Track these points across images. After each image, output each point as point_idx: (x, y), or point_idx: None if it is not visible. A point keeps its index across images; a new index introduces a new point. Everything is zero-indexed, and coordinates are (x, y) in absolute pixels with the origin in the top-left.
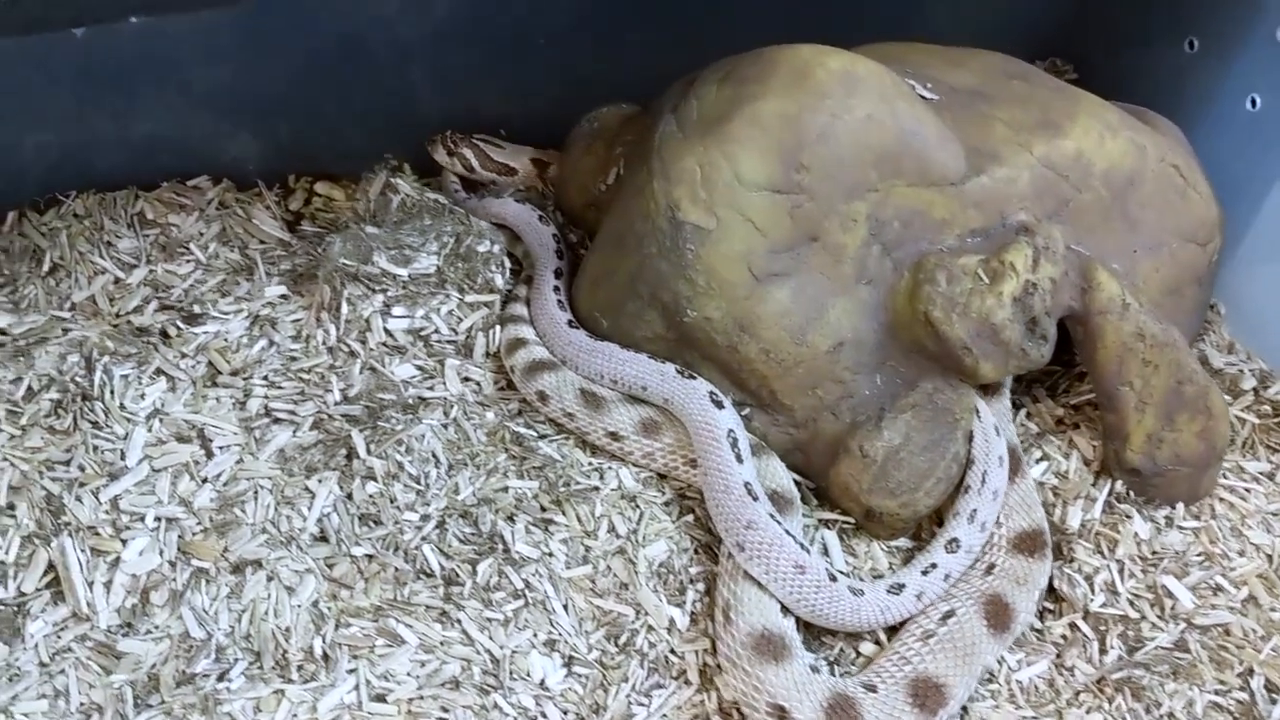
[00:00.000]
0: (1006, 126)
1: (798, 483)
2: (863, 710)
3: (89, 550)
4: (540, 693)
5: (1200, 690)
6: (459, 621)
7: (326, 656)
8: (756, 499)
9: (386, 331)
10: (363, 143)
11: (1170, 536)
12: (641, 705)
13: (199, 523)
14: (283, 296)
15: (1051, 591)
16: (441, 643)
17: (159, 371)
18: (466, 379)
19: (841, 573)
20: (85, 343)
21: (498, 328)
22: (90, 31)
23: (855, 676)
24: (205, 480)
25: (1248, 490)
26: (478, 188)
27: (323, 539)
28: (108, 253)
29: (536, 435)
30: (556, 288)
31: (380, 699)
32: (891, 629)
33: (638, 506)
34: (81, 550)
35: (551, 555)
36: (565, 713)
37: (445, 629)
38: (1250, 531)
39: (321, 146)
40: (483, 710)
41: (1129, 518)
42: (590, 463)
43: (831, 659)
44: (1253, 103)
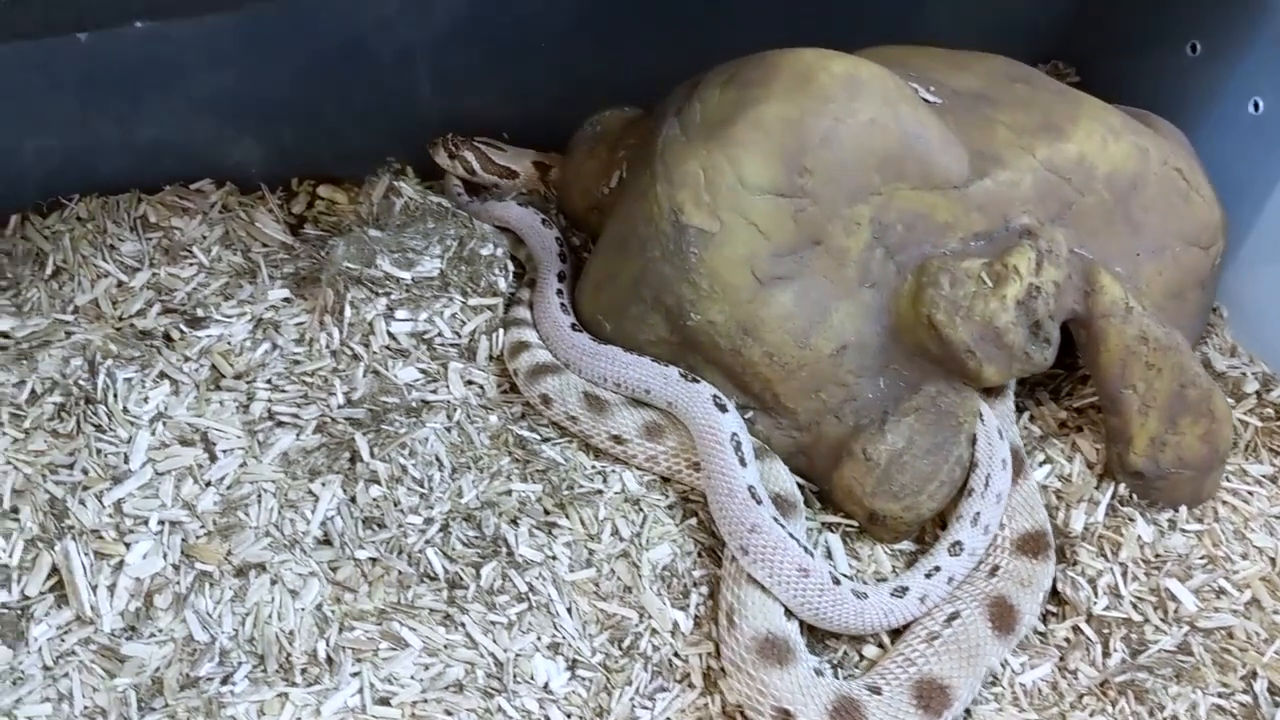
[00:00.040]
0: (1009, 130)
1: (801, 486)
2: (867, 712)
3: (92, 554)
4: (544, 696)
5: (1203, 693)
6: (463, 625)
7: (330, 660)
8: (760, 502)
9: (390, 335)
10: (365, 146)
11: (1173, 539)
12: (645, 708)
13: (202, 526)
14: (286, 300)
15: (1055, 594)
16: (445, 646)
17: (162, 375)
18: (470, 382)
19: (845, 576)
20: (88, 346)
21: (501, 331)
22: (94, 36)
23: (859, 679)
24: (209, 483)
25: (1250, 493)
26: (480, 191)
27: (326, 542)
28: (110, 256)
29: (540, 438)
30: (560, 291)
31: (384, 702)
32: (895, 632)
33: (641, 510)
34: (85, 554)
35: (555, 558)
36: (569, 716)
37: (449, 632)
38: (1253, 534)
39: (324, 149)
40: (486, 714)
41: (1132, 521)
42: (593, 466)
43: (835, 662)
44: (1255, 106)
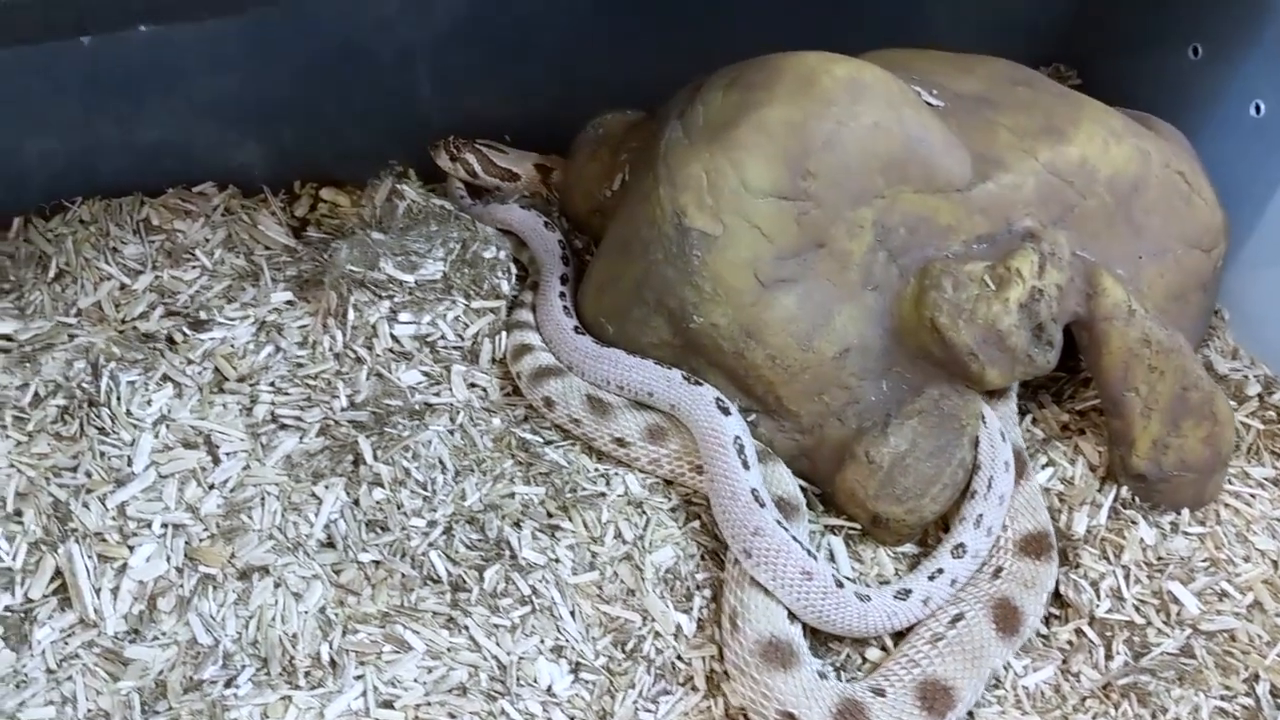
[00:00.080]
0: (1011, 133)
1: (803, 488)
2: (871, 714)
3: (96, 556)
4: (547, 699)
5: (1206, 696)
6: (466, 628)
7: (334, 663)
8: (763, 505)
9: (393, 337)
10: (367, 148)
11: (1176, 542)
12: (648, 711)
13: (206, 529)
14: (289, 303)
15: (1057, 597)
16: (449, 649)
17: (165, 378)
18: (473, 385)
19: (847, 579)
20: (91, 349)
21: (504, 334)
22: (97, 39)
23: (863, 681)
24: (212, 486)
25: (1253, 496)
26: (482, 193)
27: (330, 545)
28: (113, 259)
29: (543, 441)
30: (562, 293)
31: (387, 705)
32: (897, 634)
33: (644, 512)
34: (88, 556)
35: (558, 561)
36: (572, 719)
37: (452, 635)
38: (1255, 537)
39: (326, 152)
40: (490, 716)
41: (1134, 523)
42: (596, 469)
43: (838, 665)
44: (1257, 109)
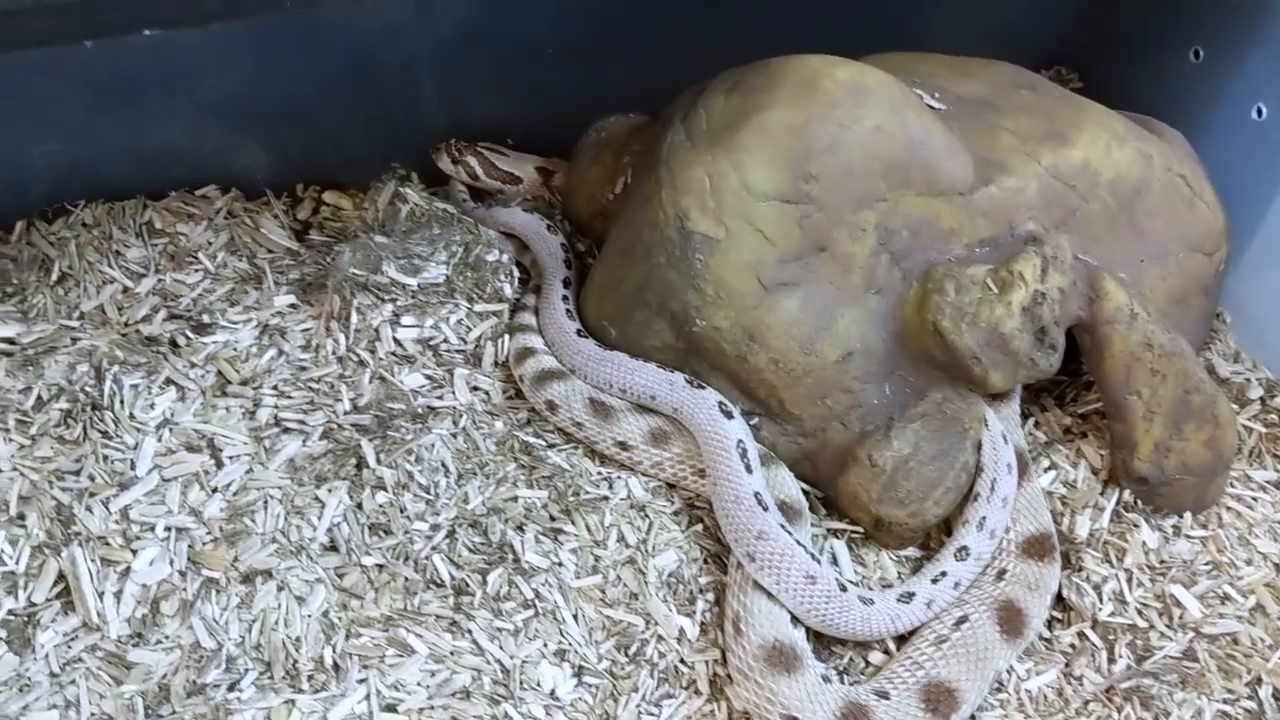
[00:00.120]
0: (1014, 136)
1: (806, 492)
2: (875, 717)
3: (99, 560)
4: (550, 703)
5: (1208, 699)
6: (469, 631)
7: (337, 666)
8: (767, 509)
9: (396, 341)
10: (370, 152)
11: (1178, 545)
12: (651, 715)
13: (209, 532)
14: (291, 306)
15: (1060, 600)
16: (452, 652)
17: (168, 381)
18: (475, 388)
19: (851, 582)
20: (94, 352)
21: (506, 337)
22: (100, 43)
23: (867, 683)
24: (215, 490)
25: (1255, 499)
26: (485, 197)
27: (333, 549)
28: (116, 262)
29: (545, 444)
30: (565, 297)
31: (391, 709)
32: (900, 637)
33: (647, 516)
34: (92, 560)
35: (561, 565)
36: None
37: (455, 639)
38: (1257, 540)
39: (329, 155)
40: None
41: (1137, 527)
42: (599, 472)
43: (840, 668)
44: (1259, 112)
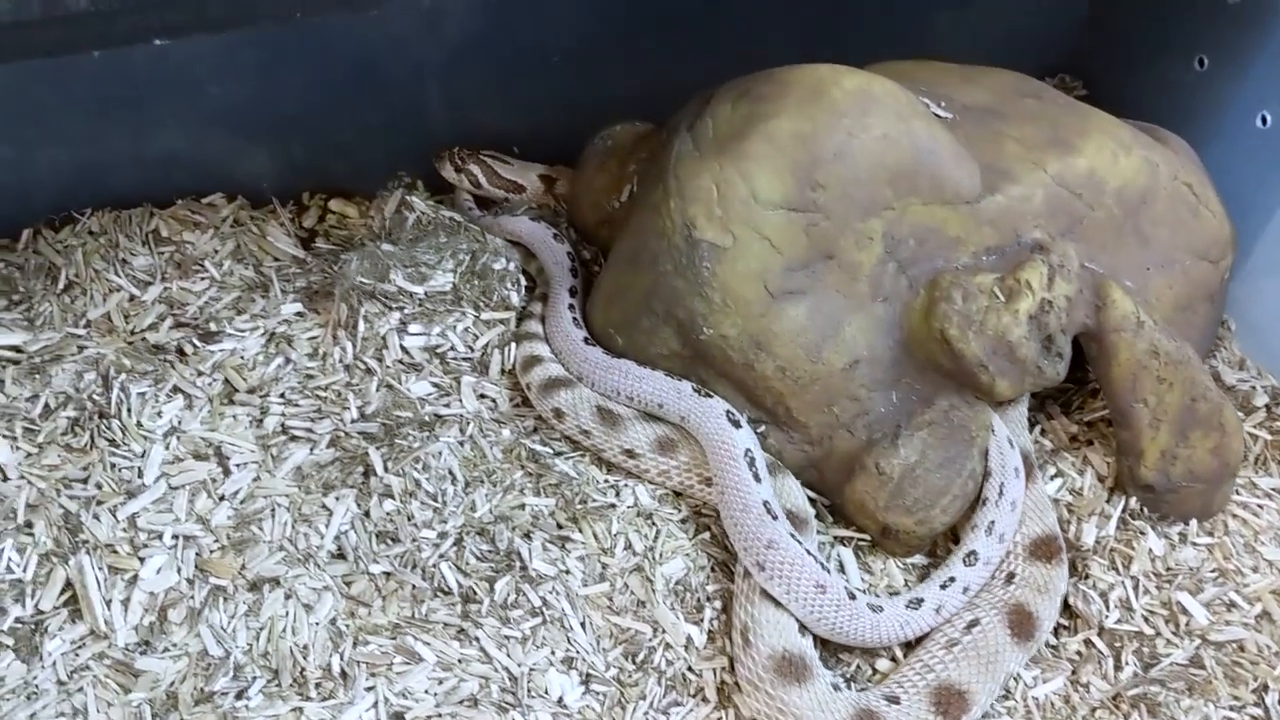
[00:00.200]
0: (1019, 145)
1: (812, 499)
2: None
3: (107, 568)
4: (558, 710)
5: (1215, 706)
6: (477, 639)
7: (344, 674)
8: (776, 518)
9: (403, 349)
10: (376, 160)
11: (1184, 553)
12: None
13: (216, 540)
14: (298, 314)
15: (1066, 608)
16: (459, 660)
17: (176, 389)
18: (482, 396)
19: (859, 590)
20: (102, 360)
21: (513, 345)
22: (108, 52)
23: (877, 688)
24: (222, 498)
25: (1260, 506)
26: (490, 205)
27: (340, 557)
28: (123, 270)
29: (552, 452)
30: (571, 305)
31: (398, 717)
32: (909, 643)
33: (654, 524)
34: (99, 568)
35: (568, 573)
36: None
37: (463, 646)
38: (1263, 547)
39: (335, 164)
40: None
41: (1143, 534)
42: (606, 480)
43: (848, 676)
44: (1263, 120)
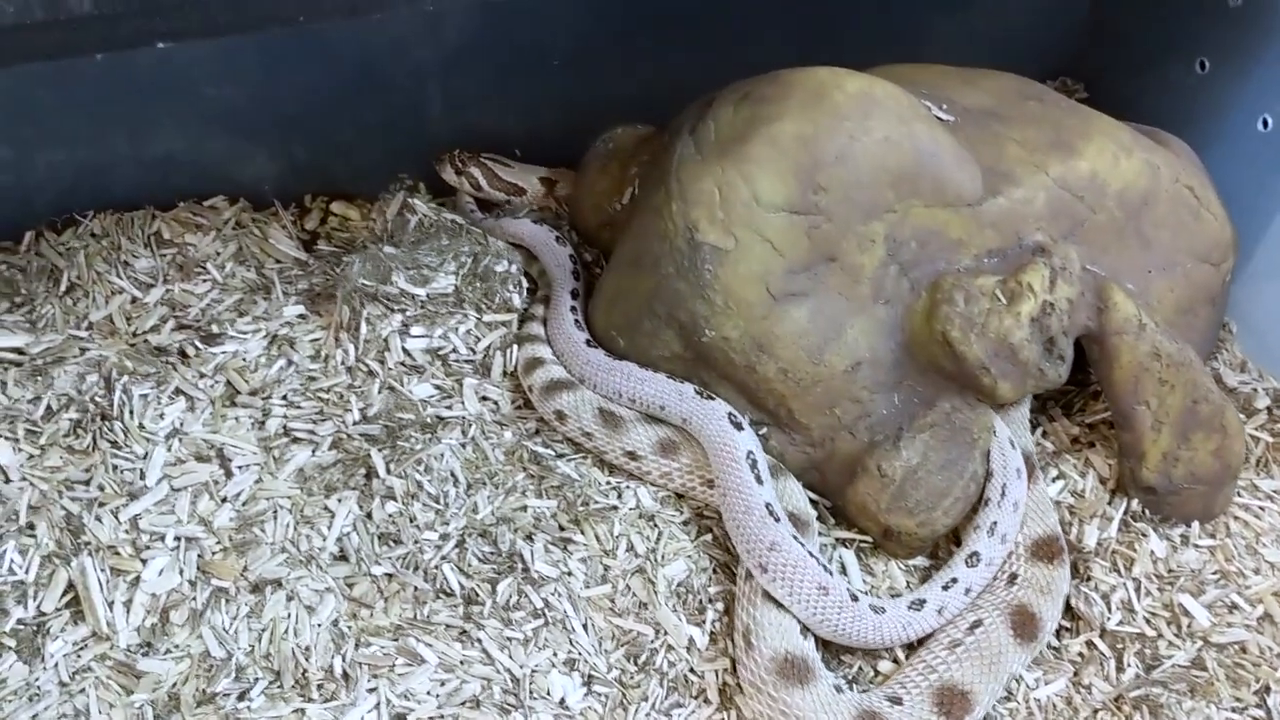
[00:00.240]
0: (1021, 147)
1: (814, 501)
2: None
3: (109, 570)
4: (560, 712)
5: (1217, 708)
6: (479, 640)
7: (346, 675)
8: (778, 520)
9: (405, 351)
10: (378, 163)
11: (1186, 554)
12: None
13: (218, 542)
14: (300, 316)
15: (1068, 610)
16: (461, 662)
17: (178, 391)
18: (484, 398)
19: (861, 592)
20: (104, 362)
21: (515, 347)
22: (110, 54)
23: (880, 689)
24: (225, 500)
25: (1262, 508)
26: (492, 208)
27: (342, 558)
28: (125, 272)
29: (554, 454)
30: (573, 307)
31: (401, 718)
32: (911, 645)
33: (656, 526)
34: (101, 570)
35: (570, 574)
36: None
37: (465, 648)
38: (1265, 549)
39: (337, 166)
40: None
41: (1145, 536)
42: (608, 482)
43: (850, 677)
44: (1264, 123)
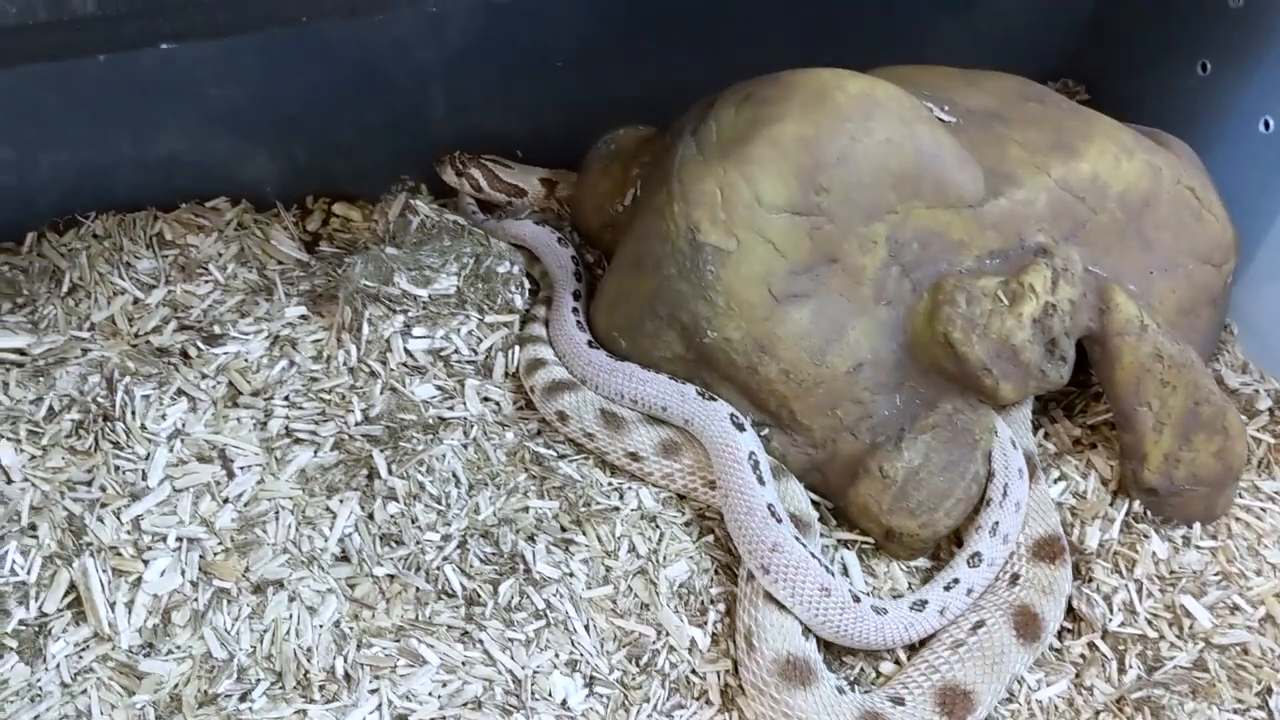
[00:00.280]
0: (1022, 148)
1: (816, 502)
2: None
3: (110, 570)
4: (562, 713)
5: (1219, 709)
6: (481, 641)
7: (348, 676)
8: (780, 521)
9: (407, 352)
10: (380, 164)
11: (1188, 556)
12: None
13: (220, 543)
14: (302, 317)
15: (1070, 611)
16: (463, 663)
17: (180, 392)
18: (486, 399)
19: (863, 593)
20: (105, 363)
21: (517, 348)
22: (112, 55)
23: (882, 689)
24: (226, 500)
25: (1264, 510)
26: (494, 209)
27: (344, 559)
28: (127, 273)
29: (556, 455)
30: (575, 309)
31: (402, 719)
32: (913, 645)
33: (658, 527)
34: (103, 570)
35: (572, 575)
36: None
37: (467, 649)
38: (1267, 551)
39: (339, 167)
40: None
41: (1147, 537)
42: (610, 483)
43: (852, 678)
44: (1266, 124)
